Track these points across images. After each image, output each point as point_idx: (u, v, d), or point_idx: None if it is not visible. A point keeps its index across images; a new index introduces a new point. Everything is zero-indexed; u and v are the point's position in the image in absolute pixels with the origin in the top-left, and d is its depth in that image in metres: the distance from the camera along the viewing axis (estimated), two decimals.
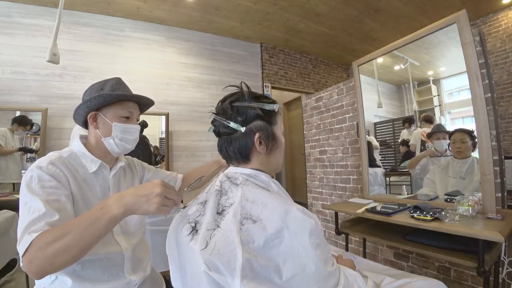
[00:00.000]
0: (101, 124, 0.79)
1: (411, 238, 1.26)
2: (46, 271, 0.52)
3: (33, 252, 0.51)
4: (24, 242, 0.52)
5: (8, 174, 2.42)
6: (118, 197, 0.55)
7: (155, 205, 0.54)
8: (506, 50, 2.97)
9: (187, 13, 3.01)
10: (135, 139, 0.84)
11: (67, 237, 0.51)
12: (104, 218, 0.53)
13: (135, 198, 0.54)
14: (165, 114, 3.06)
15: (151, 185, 0.55)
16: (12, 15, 2.53)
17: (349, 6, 2.98)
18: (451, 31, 1.38)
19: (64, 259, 0.52)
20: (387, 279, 0.82)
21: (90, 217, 0.54)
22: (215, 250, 0.48)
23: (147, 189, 0.55)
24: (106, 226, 0.53)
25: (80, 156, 0.78)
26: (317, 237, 0.50)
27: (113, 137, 0.79)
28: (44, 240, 0.52)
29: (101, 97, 0.75)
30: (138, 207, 0.54)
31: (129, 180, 0.91)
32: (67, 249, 0.51)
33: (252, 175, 0.62)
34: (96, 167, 0.78)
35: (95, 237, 0.53)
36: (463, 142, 1.48)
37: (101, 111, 0.79)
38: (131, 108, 0.82)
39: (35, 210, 0.58)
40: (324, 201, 2.54)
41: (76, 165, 0.76)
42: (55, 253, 0.51)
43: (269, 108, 0.62)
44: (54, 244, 0.51)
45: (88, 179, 0.77)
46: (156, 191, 0.54)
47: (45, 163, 0.68)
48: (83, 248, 0.53)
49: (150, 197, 0.54)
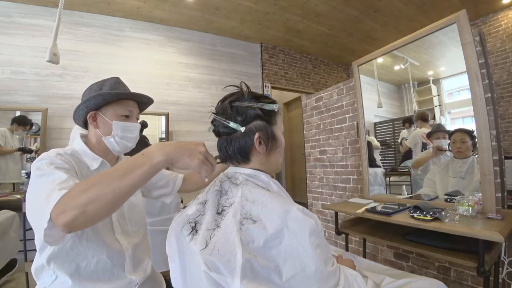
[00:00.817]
0: (101, 123, 0.79)
1: (411, 238, 1.26)
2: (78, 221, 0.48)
3: (64, 202, 0.49)
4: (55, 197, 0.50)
5: (8, 174, 2.42)
6: (160, 144, 0.54)
7: (197, 161, 0.55)
8: (506, 50, 2.97)
9: (187, 13, 3.01)
10: (135, 137, 0.84)
11: (101, 184, 0.49)
12: (145, 165, 0.51)
13: (178, 148, 0.54)
14: (165, 114, 3.06)
15: (195, 143, 0.57)
16: (12, 15, 2.53)
17: (349, 6, 2.98)
18: (451, 31, 1.38)
19: (97, 207, 0.48)
20: (387, 279, 0.82)
21: (129, 163, 0.51)
22: (215, 250, 0.48)
23: (191, 144, 0.56)
24: (145, 174, 0.51)
25: (82, 154, 0.78)
26: (317, 237, 0.50)
27: (114, 135, 0.79)
28: (77, 189, 0.50)
29: (100, 96, 0.75)
30: (180, 158, 0.54)
31: None
32: (101, 195, 0.48)
33: (252, 175, 0.62)
34: (97, 164, 0.79)
35: (132, 185, 0.50)
36: (463, 142, 1.48)
37: (101, 110, 0.79)
38: (130, 107, 0.82)
39: (57, 178, 0.58)
40: (324, 201, 2.54)
41: (79, 162, 0.76)
42: (89, 200, 0.48)
43: (269, 108, 0.62)
44: (88, 191, 0.48)
45: (89, 176, 0.77)
46: (201, 149, 0.56)
47: (53, 154, 0.69)
48: (118, 196, 0.49)
49: (194, 152, 0.55)
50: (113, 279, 0.75)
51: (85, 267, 0.71)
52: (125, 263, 0.78)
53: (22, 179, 2.48)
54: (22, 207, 1.55)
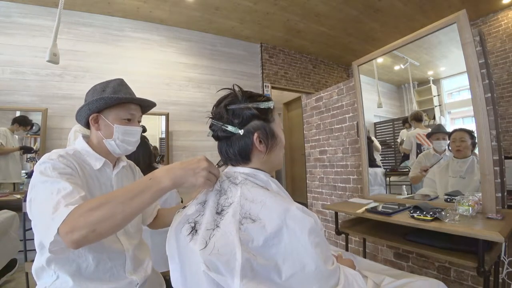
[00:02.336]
0: (103, 126, 0.80)
1: (411, 238, 1.26)
2: (87, 239, 0.51)
3: (74, 220, 0.51)
4: (62, 213, 0.52)
5: (9, 174, 2.42)
6: (166, 169, 0.57)
7: (202, 179, 0.56)
8: (506, 50, 2.97)
9: (187, 13, 3.01)
10: (136, 141, 0.84)
11: (112, 203, 0.52)
12: (152, 189, 0.54)
13: (183, 171, 0.56)
14: (165, 114, 3.06)
15: (197, 160, 0.58)
16: (12, 15, 2.53)
17: (349, 6, 2.98)
18: (451, 31, 1.38)
19: (107, 226, 0.51)
20: (387, 279, 0.82)
21: (138, 186, 0.55)
22: (214, 250, 0.48)
23: (193, 162, 0.57)
24: (153, 197, 0.55)
25: (84, 154, 0.79)
26: (316, 235, 0.50)
27: (115, 139, 0.79)
28: (87, 207, 0.52)
29: (102, 100, 0.75)
30: (186, 179, 0.56)
31: (132, 180, 0.91)
32: (112, 215, 0.51)
33: (251, 174, 0.62)
34: (100, 164, 0.79)
35: (141, 207, 0.54)
36: (462, 141, 1.48)
37: (103, 113, 0.79)
38: (132, 110, 0.82)
39: (61, 189, 0.59)
40: (324, 201, 2.54)
41: (82, 162, 0.77)
42: (99, 219, 0.50)
43: (264, 106, 0.62)
44: (98, 210, 0.51)
45: (92, 175, 0.78)
46: (203, 165, 0.57)
47: (55, 156, 0.69)
48: (127, 216, 0.53)
49: (197, 170, 0.56)
50: (114, 279, 0.75)
51: (86, 267, 0.71)
52: (126, 264, 0.78)
53: (22, 179, 2.48)
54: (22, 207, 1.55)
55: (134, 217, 0.55)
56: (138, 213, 0.55)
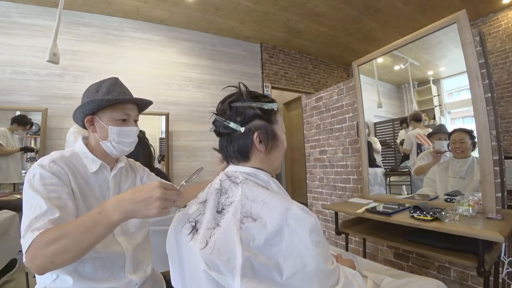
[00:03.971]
0: (98, 127, 0.79)
1: (411, 238, 1.26)
2: (47, 268, 0.54)
3: (33, 250, 0.54)
4: (26, 240, 0.55)
5: (9, 174, 2.42)
6: (116, 202, 0.55)
7: (155, 210, 0.53)
8: (506, 50, 2.98)
9: (187, 13, 3.01)
10: (132, 142, 0.83)
11: (65, 239, 0.53)
12: (102, 223, 0.54)
13: (133, 204, 0.54)
14: (165, 114, 3.06)
15: (150, 189, 0.54)
16: (12, 15, 2.53)
17: (349, 6, 2.98)
18: (451, 31, 1.38)
19: (63, 259, 0.54)
20: (387, 279, 0.82)
21: (88, 221, 0.55)
22: (215, 249, 0.48)
23: (145, 192, 0.54)
24: (104, 231, 0.55)
25: (82, 156, 0.79)
26: (317, 235, 0.50)
27: (110, 140, 0.79)
28: (44, 240, 0.54)
29: (94, 103, 0.75)
30: (138, 212, 0.54)
31: (130, 181, 0.91)
32: (65, 250, 0.53)
33: (252, 173, 0.62)
34: (96, 167, 0.79)
35: (93, 241, 0.55)
36: (462, 142, 1.48)
37: (97, 114, 0.79)
38: (127, 110, 0.81)
39: (37, 207, 0.60)
40: (324, 201, 2.54)
41: (78, 165, 0.77)
42: (54, 253, 0.53)
43: (268, 107, 0.62)
44: (53, 245, 0.53)
45: (88, 178, 0.77)
46: (156, 194, 0.53)
47: (47, 161, 0.70)
48: (81, 250, 0.55)
49: (149, 201, 0.53)
50: (113, 279, 0.75)
51: (84, 267, 0.71)
52: (126, 264, 0.78)
53: (22, 179, 2.48)
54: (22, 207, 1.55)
55: (90, 248, 0.55)
56: (94, 245, 0.56)
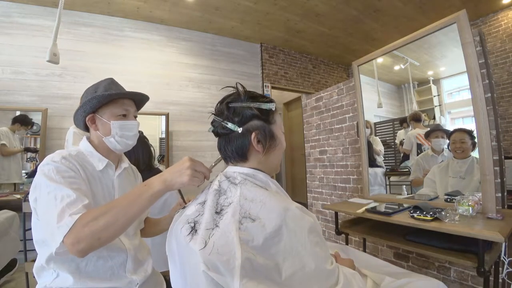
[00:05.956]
0: (100, 125, 0.81)
1: (411, 238, 1.26)
2: (93, 247, 0.57)
3: (79, 230, 0.55)
4: (66, 223, 0.56)
5: (11, 175, 2.42)
6: (158, 176, 0.62)
7: (187, 177, 0.60)
8: (506, 50, 2.97)
9: (187, 13, 3.01)
10: (134, 135, 0.86)
11: (113, 211, 0.57)
12: (148, 193, 0.60)
13: (171, 174, 0.61)
14: (165, 114, 3.06)
15: (181, 161, 0.62)
16: (12, 15, 2.53)
17: (349, 6, 2.98)
18: (451, 31, 1.38)
19: (111, 232, 0.57)
20: (387, 279, 0.82)
21: (135, 193, 0.61)
22: (214, 249, 0.48)
23: (178, 165, 0.62)
24: (149, 200, 0.60)
25: (88, 155, 0.80)
26: (316, 235, 0.50)
27: (113, 135, 0.81)
28: (90, 217, 0.56)
29: (95, 99, 0.77)
30: (174, 181, 0.61)
31: (133, 184, 0.93)
32: (115, 221, 0.56)
33: (251, 174, 0.62)
34: (103, 165, 0.81)
35: (140, 210, 0.60)
36: (462, 142, 1.48)
37: (98, 112, 0.81)
38: (126, 106, 0.84)
39: (65, 196, 0.62)
40: (324, 201, 2.54)
41: (85, 163, 0.78)
42: (103, 227, 0.55)
43: (266, 107, 0.62)
44: (101, 219, 0.56)
45: (95, 175, 0.79)
46: (186, 165, 0.61)
47: (58, 158, 0.71)
48: (128, 220, 0.59)
49: (182, 170, 0.61)
50: (114, 278, 0.75)
51: (85, 266, 0.72)
52: (127, 263, 0.78)
53: (23, 179, 2.48)
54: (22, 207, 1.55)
55: (134, 221, 0.60)
56: (138, 216, 0.61)
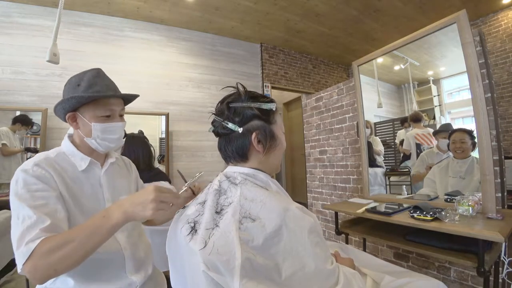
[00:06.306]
0: (81, 124, 0.76)
1: (411, 238, 1.26)
2: (50, 276, 0.56)
3: (36, 260, 0.53)
4: (23, 252, 0.54)
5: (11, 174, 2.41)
6: (117, 206, 0.59)
7: (151, 211, 0.56)
8: (506, 50, 2.97)
9: (187, 13, 3.01)
10: (118, 138, 0.79)
11: (71, 244, 0.54)
12: (106, 225, 0.57)
13: (132, 205, 0.58)
14: (165, 114, 3.06)
15: (145, 192, 0.58)
16: (12, 15, 2.53)
17: (349, 6, 2.98)
18: (451, 31, 1.38)
19: (67, 264, 0.55)
20: (387, 278, 0.82)
21: (93, 225, 0.57)
22: (214, 249, 0.48)
23: (141, 196, 0.58)
24: (108, 233, 0.58)
25: (69, 155, 0.76)
26: (316, 235, 0.50)
27: (94, 137, 0.75)
28: (46, 248, 0.54)
29: (74, 99, 0.71)
30: (136, 214, 0.58)
31: (125, 177, 0.89)
32: (71, 255, 0.54)
33: (251, 174, 0.62)
34: (86, 164, 0.76)
35: (98, 243, 0.57)
36: (462, 142, 1.48)
37: (79, 111, 0.74)
38: (111, 105, 0.76)
39: (26, 218, 0.59)
40: (324, 201, 2.54)
41: (65, 164, 0.74)
42: (60, 260, 0.54)
43: (266, 107, 0.62)
44: (58, 251, 0.54)
45: (77, 178, 0.75)
46: (150, 197, 0.57)
47: (30, 165, 0.67)
48: (86, 253, 0.57)
49: (145, 203, 0.57)
50: (114, 280, 0.74)
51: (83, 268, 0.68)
52: (126, 264, 0.77)
53: None
54: None
55: (94, 251, 0.58)
56: (97, 247, 0.58)
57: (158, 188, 0.59)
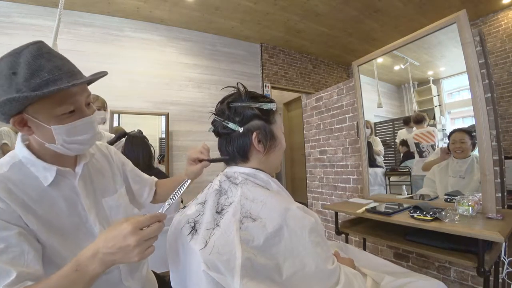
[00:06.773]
0: (35, 128, 0.55)
1: (411, 238, 1.26)
2: None
3: None
4: None
5: None
6: (91, 255, 0.47)
7: (137, 258, 0.47)
8: (506, 50, 2.98)
9: (187, 13, 3.01)
10: (92, 136, 0.61)
11: None
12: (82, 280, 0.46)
13: (110, 256, 0.46)
14: (165, 114, 3.06)
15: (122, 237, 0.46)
16: (12, 15, 2.53)
17: (349, 6, 2.98)
18: (451, 31, 1.38)
19: None
20: (387, 278, 0.82)
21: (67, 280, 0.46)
22: (214, 249, 0.48)
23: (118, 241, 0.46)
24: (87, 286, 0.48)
25: (28, 164, 0.57)
26: (317, 235, 0.50)
27: (59, 143, 0.56)
28: None
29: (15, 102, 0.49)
30: (120, 261, 0.47)
31: (106, 172, 0.75)
32: None
33: (251, 174, 0.62)
34: (52, 176, 0.58)
35: None
36: (462, 142, 1.48)
37: (27, 112, 0.53)
38: (74, 96, 0.55)
39: None
40: (324, 201, 2.54)
41: (24, 180, 0.56)
42: None
43: (266, 107, 0.62)
44: None
45: (44, 195, 0.58)
46: (131, 244, 0.45)
47: None
48: None
49: (127, 250, 0.46)
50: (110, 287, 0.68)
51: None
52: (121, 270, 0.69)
53: None
54: None
55: None
56: None
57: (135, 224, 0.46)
